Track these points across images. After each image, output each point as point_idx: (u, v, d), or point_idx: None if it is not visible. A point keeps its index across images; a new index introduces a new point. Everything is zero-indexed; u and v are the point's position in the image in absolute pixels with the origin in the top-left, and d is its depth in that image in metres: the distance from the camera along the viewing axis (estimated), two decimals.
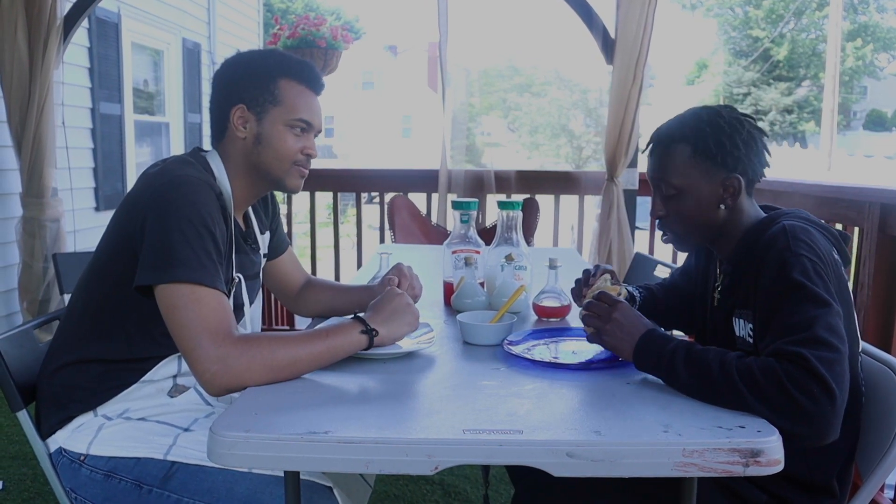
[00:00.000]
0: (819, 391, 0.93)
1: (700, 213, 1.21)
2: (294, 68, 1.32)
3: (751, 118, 1.23)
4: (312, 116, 1.33)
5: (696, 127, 1.19)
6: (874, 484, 1.13)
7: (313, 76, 1.34)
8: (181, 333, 1.10)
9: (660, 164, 1.23)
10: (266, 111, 1.30)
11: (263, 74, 1.30)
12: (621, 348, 1.11)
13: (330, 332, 1.15)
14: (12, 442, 2.59)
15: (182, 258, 1.11)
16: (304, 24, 3.90)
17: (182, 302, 1.10)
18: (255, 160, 1.32)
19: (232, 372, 1.07)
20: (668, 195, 1.23)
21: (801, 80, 29.55)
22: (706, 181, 1.20)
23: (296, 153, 1.32)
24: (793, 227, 1.11)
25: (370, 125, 27.78)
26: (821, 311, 1.00)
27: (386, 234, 3.39)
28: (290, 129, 1.31)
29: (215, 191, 1.22)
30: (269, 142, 1.30)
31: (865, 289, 1.96)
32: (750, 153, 1.19)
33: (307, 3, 27.02)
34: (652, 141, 1.26)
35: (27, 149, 3.29)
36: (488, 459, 0.95)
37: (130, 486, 1.18)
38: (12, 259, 3.64)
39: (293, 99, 1.30)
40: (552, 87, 27.80)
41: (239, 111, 1.30)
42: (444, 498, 2.23)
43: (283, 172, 1.33)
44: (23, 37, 3.20)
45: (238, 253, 1.34)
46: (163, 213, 1.14)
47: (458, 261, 1.55)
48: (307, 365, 1.11)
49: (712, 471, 0.87)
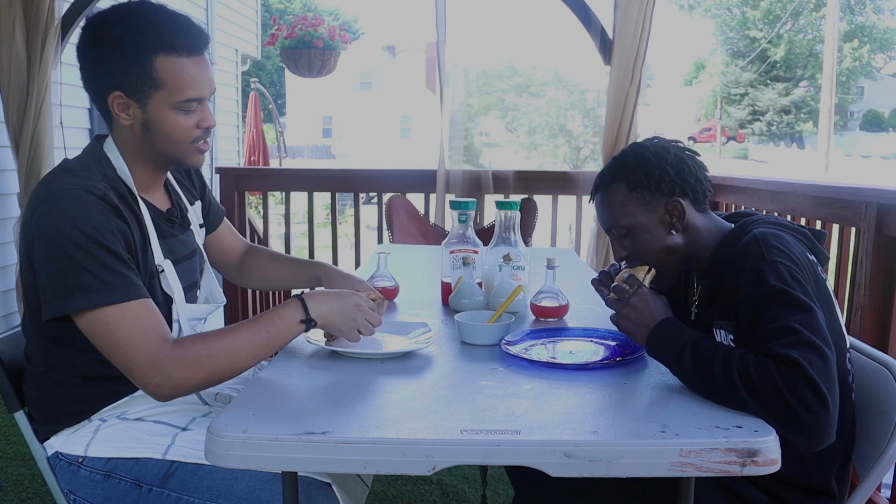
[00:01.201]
0: (813, 398, 0.93)
1: (656, 244, 1.24)
2: (165, 39, 1.16)
3: (677, 142, 1.26)
4: (201, 89, 1.20)
5: (624, 164, 1.24)
6: (871, 483, 1.13)
7: (189, 39, 1.18)
8: (113, 358, 1.10)
9: (604, 209, 1.28)
10: (148, 96, 1.17)
11: (136, 55, 1.15)
12: (635, 333, 1.13)
13: (270, 324, 1.15)
14: (10, 442, 2.58)
15: (79, 284, 1.06)
16: (302, 25, 3.90)
17: (99, 329, 1.08)
18: (149, 146, 1.22)
19: (172, 381, 1.08)
20: (621, 236, 1.26)
21: (798, 81, 29.62)
22: (649, 212, 1.23)
23: (191, 132, 1.22)
24: (764, 235, 1.12)
25: (368, 125, 27.78)
26: (804, 315, 1.01)
27: (384, 234, 3.39)
28: (179, 111, 1.19)
29: (97, 194, 1.12)
30: (159, 127, 1.20)
31: (862, 289, 1.96)
32: (683, 174, 1.22)
33: (305, 4, 27.03)
34: (592, 189, 1.30)
35: (25, 149, 3.28)
36: (486, 460, 0.95)
37: (130, 485, 1.18)
38: (10, 259, 3.63)
39: (174, 78, 1.17)
40: (550, 88, 27.83)
41: (117, 98, 1.17)
42: (443, 498, 2.23)
43: (181, 153, 1.24)
44: (21, 37, 3.20)
45: (163, 238, 1.27)
46: (47, 242, 1.08)
47: (456, 261, 1.55)
48: (248, 361, 1.13)
49: (709, 471, 0.87)
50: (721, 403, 0.98)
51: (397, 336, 1.33)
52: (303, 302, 1.17)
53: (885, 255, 1.93)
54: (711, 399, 1.00)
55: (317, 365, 1.18)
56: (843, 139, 27.89)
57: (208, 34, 1.24)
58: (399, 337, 1.32)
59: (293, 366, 1.17)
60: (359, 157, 23.50)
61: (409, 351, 1.23)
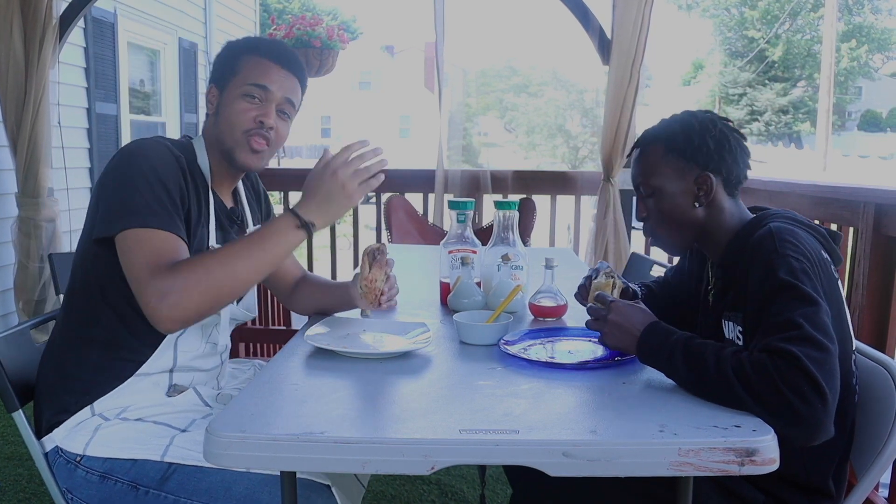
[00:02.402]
0: (810, 390, 0.93)
1: (677, 212, 1.24)
2: (257, 44, 1.34)
3: (727, 121, 1.26)
4: (269, 81, 1.30)
5: (668, 127, 1.25)
6: (869, 483, 1.14)
7: (278, 49, 1.33)
8: (129, 278, 1.13)
9: (638, 165, 1.28)
10: (227, 85, 1.32)
11: (230, 53, 1.34)
12: (625, 346, 1.12)
13: (264, 236, 1.16)
14: (8, 443, 2.58)
15: (132, 207, 1.14)
16: (301, 25, 3.89)
17: (129, 246, 1.13)
18: (216, 133, 1.33)
19: (170, 300, 1.08)
20: (646, 195, 1.27)
21: (796, 81, 29.65)
22: (679, 179, 1.23)
23: (247, 121, 1.29)
24: (779, 229, 1.12)
25: (367, 125, 27.75)
26: (809, 309, 1.01)
27: (383, 234, 3.39)
28: (244, 97, 1.30)
29: (174, 154, 1.24)
30: (224, 111, 1.31)
31: (860, 288, 1.96)
32: (721, 151, 1.22)
33: (304, 3, 27.00)
34: (633, 144, 1.31)
35: (23, 148, 3.28)
36: (485, 459, 0.95)
37: (127, 487, 1.18)
38: (8, 259, 3.63)
39: (251, 68, 1.31)
40: (549, 88, 27.82)
41: (211, 91, 1.34)
42: (441, 498, 2.23)
43: (233, 142, 1.31)
44: (18, 36, 3.19)
45: (220, 229, 1.34)
46: (115, 172, 1.19)
47: (455, 261, 1.55)
48: (247, 276, 1.14)
49: (708, 470, 0.87)
50: (716, 402, 0.98)
51: (396, 336, 1.33)
52: (293, 211, 1.18)
53: (882, 255, 1.94)
54: (707, 398, 1.00)
55: (315, 365, 1.18)
56: (841, 139, 27.91)
57: (304, 68, 1.38)
58: (398, 337, 1.32)
59: (292, 366, 1.17)
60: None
61: (408, 351, 1.23)
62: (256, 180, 1.55)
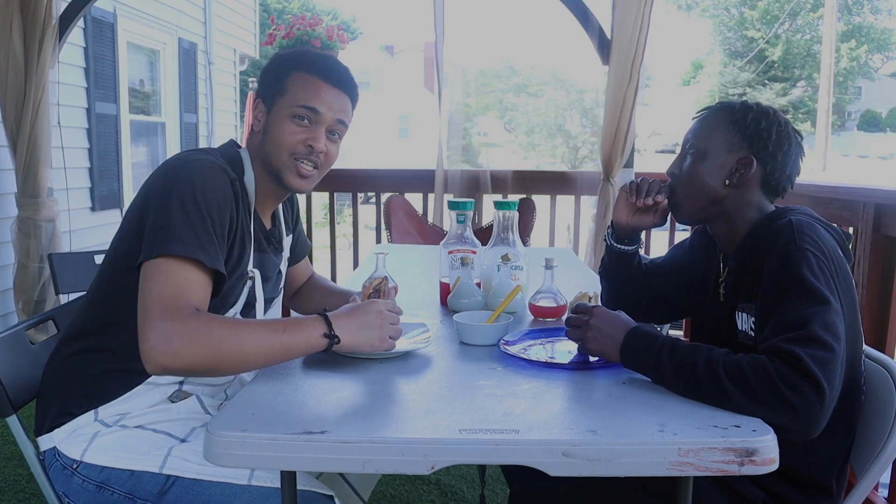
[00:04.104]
0: (808, 388, 0.94)
1: (706, 180, 1.24)
2: (306, 60, 1.30)
3: (799, 132, 1.26)
4: (319, 103, 1.27)
5: (744, 103, 1.25)
6: (869, 482, 1.14)
7: (328, 67, 1.29)
8: (140, 305, 1.05)
9: (697, 124, 1.29)
10: (275, 103, 1.28)
11: (278, 68, 1.30)
12: (607, 352, 1.11)
13: (288, 327, 1.09)
14: (7, 442, 2.58)
15: (176, 235, 1.08)
16: (300, 25, 3.89)
17: (153, 273, 1.07)
18: (263, 152, 1.29)
19: (170, 348, 1.01)
20: (687, 152, 1.27)
21: (796, 81, 29.65)
22: (726, 151, 1.23)
23: (295, 144, 1.26)
24: (799, 222, 1.12)
25: (367, 125, 27.73)
26: (819, 308, 1.01)
27: (382, 234, 3.39)
28: (293, 119, 1.26)
29: (230, 176, 1.20)
30: (272, 132, 1.28)
31: (860, 288, 1.96)
32: (777, 147, 1.21)
33: (303, 3, 27.00)
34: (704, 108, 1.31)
35: (22, 148, 3.28)
36: (485, 459, 0.95)
37: (123, 498, 1.15)
38: (7, 259, 3.63)
39: (300, 89, 1.27)
40: (549, 88, 27.80)
41: (258, 107, 1.31)
42: (441, 498, 2.23)
43: (280, 164, 1.28)
44: (18, 36, 3.19)
45: (259, 251, 1.31)
46: (167, 192, 1.12)
47: (455, 261, 1.55)
48: (255, 360, 1.07)
49: (708, 470, 0.87)
50: (706, 402, 0.98)
51: None
52: (326, 318, 1.12)
53: (882, 255, 1.94)
54: (695, 399, 0.99)
55: (315, 365, 1.18)
56: (841, 139, 27.92)
57: (356, 83, 1.34)
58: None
59: (292, 365, 1.17)
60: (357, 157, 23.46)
61: (408, 351, 1.23)
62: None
